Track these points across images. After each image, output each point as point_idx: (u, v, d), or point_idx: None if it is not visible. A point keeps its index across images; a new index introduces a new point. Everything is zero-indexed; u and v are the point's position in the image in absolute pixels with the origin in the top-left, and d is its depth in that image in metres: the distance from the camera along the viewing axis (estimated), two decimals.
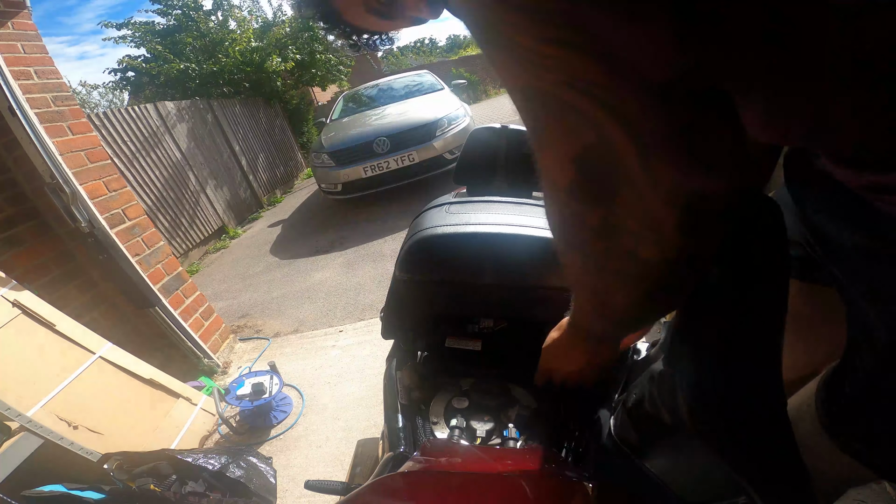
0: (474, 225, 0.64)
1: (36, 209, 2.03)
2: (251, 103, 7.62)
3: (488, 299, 0.67)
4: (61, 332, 1.57)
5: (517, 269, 0.62)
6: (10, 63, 1.82)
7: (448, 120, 4.63)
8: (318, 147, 4.99)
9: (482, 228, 0.63)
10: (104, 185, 2.12)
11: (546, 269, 0.60)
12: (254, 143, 7.24)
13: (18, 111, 1.75)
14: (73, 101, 2.10)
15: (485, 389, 0.67)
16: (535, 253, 0.60)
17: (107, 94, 12.07)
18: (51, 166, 1.82)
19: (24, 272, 1.89)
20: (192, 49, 7.67)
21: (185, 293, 2.41)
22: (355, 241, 4.01)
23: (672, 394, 0.36)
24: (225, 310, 3.29)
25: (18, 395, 1.35)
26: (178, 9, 7.67)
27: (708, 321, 0.36)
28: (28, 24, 1.96)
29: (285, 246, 4.53)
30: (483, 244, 0.63)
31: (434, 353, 0.75)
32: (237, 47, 7.61)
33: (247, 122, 7.19)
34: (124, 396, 1.67)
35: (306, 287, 3.36)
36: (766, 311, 0.36)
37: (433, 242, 0.64)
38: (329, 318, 2.81)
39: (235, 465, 1.44)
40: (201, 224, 5.22)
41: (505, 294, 0.65)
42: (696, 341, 0.35)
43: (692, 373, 0.34)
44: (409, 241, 0.68)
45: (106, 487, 1.30)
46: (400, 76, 6.67)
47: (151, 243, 2.30)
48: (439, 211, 0.71)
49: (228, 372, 2.41)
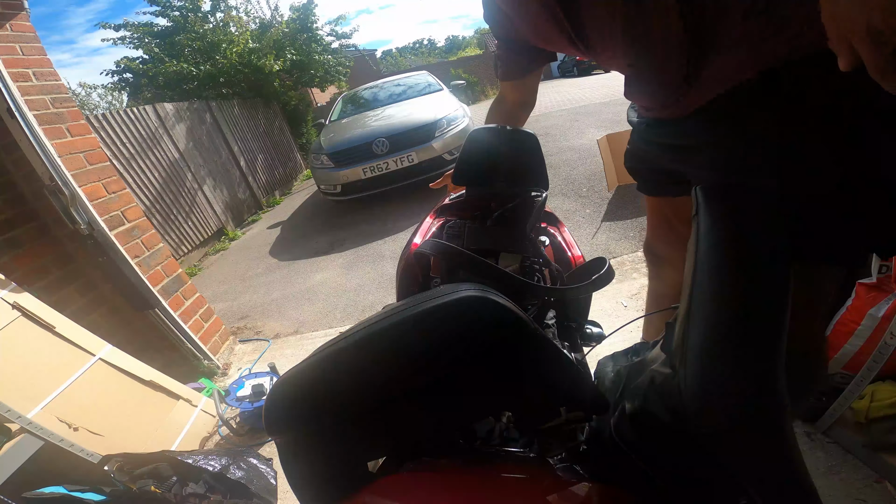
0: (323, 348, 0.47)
1: (35, 211, 2.03)
2: (250, 104, 7.62)
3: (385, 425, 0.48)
4: (61, 335, 1.57)
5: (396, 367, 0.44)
6: (9, 65, 1.82)
7: (447, 121, 4.64)
8: (318, 148, 5.00)
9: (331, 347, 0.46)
10: (103, 187, 2.12)
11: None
12: (253, 144, 7.24)
13: (17, 113, 1.75)
14: (71, 103, 2.10)
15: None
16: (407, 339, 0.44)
17: (106, 95, 12.07)
18: (50, 168, 1.82)
19: (23, 274, 1.89)
20: (190, 51, 7.68)
21: (184, 295, 2.41)
22: (355, 242, 4.02)
23: (674, 394, 0.36)
24: (225, 311, 3.29)
25: (19, 397, 1.35)
26: (175, 10, 7.67)
27: (711, 320, 0.36)
28: (26, 26, 1.96)
29: (285, 247, 4.53)
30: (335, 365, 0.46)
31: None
32: (235, 49, 7.62)
33: (245, 123, 7.19)
34: (124, 398, 1.67)
35: (306, 288, 3.36)
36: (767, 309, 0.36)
37: (289, 392, 0.48)
38: (329, 320, 2.81)
39: (236, 466, 1.44)
40: (200, 226, 5.22)
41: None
42: (698, 341, 0.35)
43: (695, 373, 0.34)
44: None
45: (106, 489, 1.30)
46: (399, 77, 6.68)
47: (151, 245, 2.30)
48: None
49: (228, 373, 2.41)
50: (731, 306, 0.36)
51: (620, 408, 0.46)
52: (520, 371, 0.46)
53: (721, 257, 0.39)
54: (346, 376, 0.45)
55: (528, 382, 0.47)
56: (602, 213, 3.13)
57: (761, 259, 0.39)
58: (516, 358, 0.44)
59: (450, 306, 0.43)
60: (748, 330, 0.35)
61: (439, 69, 15.43)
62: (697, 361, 0.35)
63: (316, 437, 0.47)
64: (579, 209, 3.28)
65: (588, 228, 2.97)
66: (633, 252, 2.51)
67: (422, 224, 1.01)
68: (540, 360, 0.46)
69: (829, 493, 1.09)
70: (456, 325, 0.42)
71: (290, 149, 8.92)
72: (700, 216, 0.41)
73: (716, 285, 0.37)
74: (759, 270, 0.38)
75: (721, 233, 0.40)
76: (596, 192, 3.47)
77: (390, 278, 3.09)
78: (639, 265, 2.34)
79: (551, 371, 0.48)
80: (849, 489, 1.09)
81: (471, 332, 0.43)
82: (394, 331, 0.44)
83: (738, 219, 0.41)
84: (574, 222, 3.08)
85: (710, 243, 0.39)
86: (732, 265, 0.38)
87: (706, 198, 0.42)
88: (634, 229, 2.75)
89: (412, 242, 0.95)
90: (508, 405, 0.53)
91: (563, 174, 4.00)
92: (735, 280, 0.38)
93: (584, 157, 4.13)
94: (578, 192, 3.58)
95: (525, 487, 0.44)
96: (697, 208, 0.42)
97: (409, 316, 0.43)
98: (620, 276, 2.26)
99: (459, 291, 0.44)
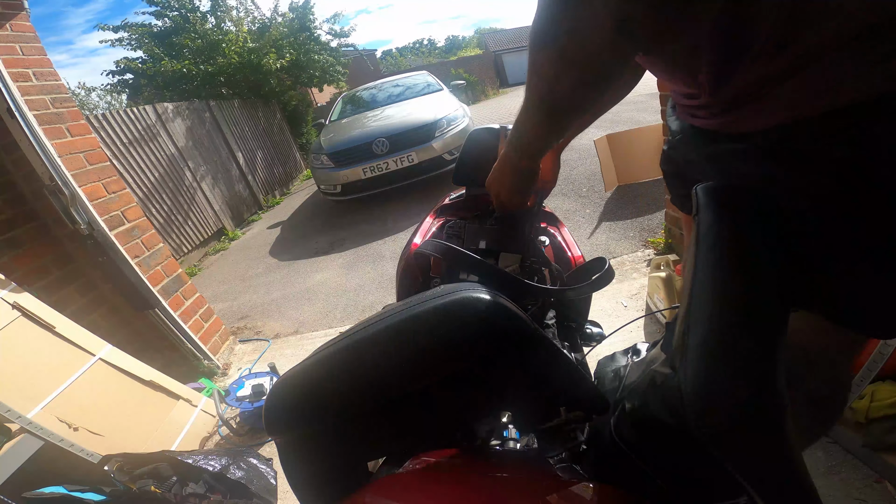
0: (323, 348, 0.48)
1: (35, 211, 2.03)
2: (250, 104, 7.62)
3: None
4: (61, 335, 1.57)
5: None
6: (9, 65, 1.82)
7: (447, 121, 4.64)
8: (318, 148, 5.00)
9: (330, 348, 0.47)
10: (103, 187, 2.12)
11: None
12: (253, 144, 7.24)
13: (17, 113, 1.75)
14: (71, 103, 2.10)
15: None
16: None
17: (105, 95, 12.08)
18: (50, 168, 1.83)
19: (23, 274, 1.89)
20: (189, 51, 7.68)
21: (184, 295, 2.41)
22: (354, 242, 4.02)
23: (675, 394, 0.36)
24: (225, 311, 3.29)
25: (19, 397, 1.35)
26: (174, 10, 7.67)
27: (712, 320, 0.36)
28: (26, 26, 1.96)
29: (285, 247, 4.54)
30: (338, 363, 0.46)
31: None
32: (233, 48, 7.62)
33: (245, 122, 7.19)
34: (124, 398, 1.67)
35: (306, 288, 3.36)
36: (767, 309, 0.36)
37: (288, 393, 0.48)
38: (329, 320, 2.81)
39: (236, 466, 1.44)
40: (200, 225, 5.22)
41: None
42: (699, 341, 0.35)
43: (696, 373, 0.34)
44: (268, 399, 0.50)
45: (106, 489, 1.31)
46: (399, 77, 6.68)
47: (151, 245, 2.30)
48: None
49: (228, 373, 2.41)
50: (731, 306, 0.36)
51: (620, 408, 0.46)
52: (520, 371, 0.46)
53: (721, 257, 0.39)
54: (346, 376, 0.45)
55: (527, 382, 0.47)
56: (602, 213, 3.14)
57: (761, 259, 0.39)
58: (516, 358, 0.44)
59: (450, 306, 0.43)
60: (749, 330, 0.35)
61: (439, 69, 15.44)
62: (698, 361, 0.35)
63: (316, 437, 0.47)
64: (579, 209, 3.28)
65: (588, 228, 2.97)
66: (633, 252, 2.51)
67: (422, 224, 1.01)
68: (540, 361, 0.46)
69: (829, 493, 1.09)
70: (456, 325, 0.42)
71: (289, 148, 8.93)
72: (700, 216, 0.41)
73: (716, 285, 0.37)
74: (760, 270, 0.38)
75: (721, 233, 0.40)
76: (596, 192, 3.47)
77: (390, 278, 3.09)
78: (639, 265, 2.34)
79: (551, 371, 0.48)
80: (849, 489, 1.09)
81: (471, 332, 0.42)
82: (394, 331, 0.44)
83: (739, 219, 0.41)
84: (574, 222, 3.08)
85: (710, 243, 0.39)
86: (733, 265, 0.38)
87: (706, 198, 0.42)
88: (634, 229, 2.75)
89: (412, 242, 0.95)
90: (508, 405, 0.53)
91: (563, 174, 4.00)
92: (735, 280, 0.38)
93: (584, 157, 4.13)
94: (578, 192, 3.58)
95: (525, 487, 0.44)
96: (697, 208, 0.42)
97: (409, 316, 0.43)
98: (620, 276, 2.26)
99: (459, 291, 0.44)
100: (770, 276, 0.38)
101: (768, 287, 0.38)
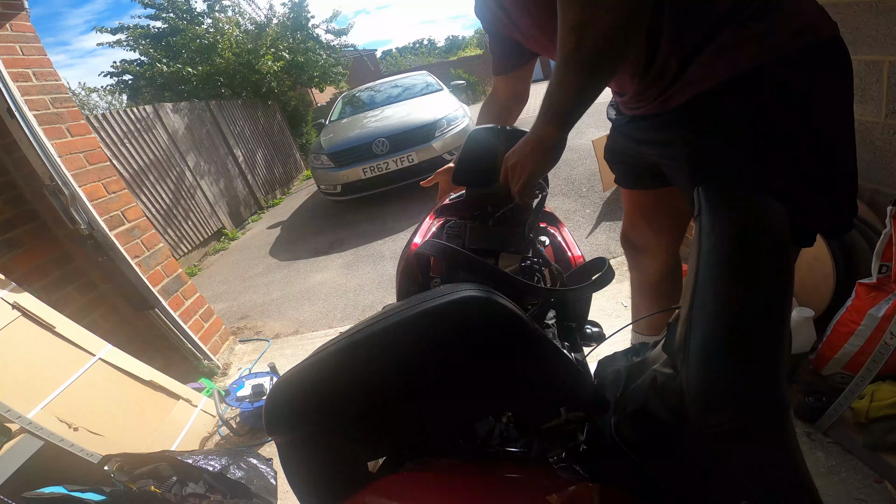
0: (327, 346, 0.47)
1: (35, 211, 2.03)
2: (249, 105, 7.62)
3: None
4: (61, 335, 1.57)
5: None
6: (9, 65, 1.82)
7: (447, 121, 4.64)
8: (318, 148, 5.00)
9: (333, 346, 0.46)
10: (103, 187, 2.12)
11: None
12: (253, 144, 7.24)
13: (17, 113, 1.75)
14: (71, 103, 2.10)
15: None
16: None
17: (105, 96, 12.08)
18: (50, 168, 1.82)
19: (23, 274, 1.89)
20: (186, 52, 7.68)
21: (184, 295, 2.41)
22: (354, 242, 4.02)
23: (676, 395, 0.36)
24: (225, 311, 3.29)
25: (19, 397, 1.35)
26: (170, 11, 7.67)
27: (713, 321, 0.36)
28: (26, 26, 1.96)
29: (285, 247, 4.53)
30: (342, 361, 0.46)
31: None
32: (228, 48, 7.62)
33: (245, 123, 7.19)
34: (124, 398, 1.67)
35: (306, 288, 3.36)
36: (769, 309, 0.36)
37: (290, 391, 0.48)
38: (329, 320, 2.81)
39: (236, 466, 1.44)
40: (200, 225, 5.21)
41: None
42: (701, 342, 0.35)
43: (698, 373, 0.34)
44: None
45: (106, 489, 1.30)
46: (399, 77, 6.68)
47: (151, 245, 2.30)
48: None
49: (228, 373, 2.41)
50: (733, 307, 0.36)
51: (621, 408, 0.46)
52: (520, 371, 0.46)
53: (723, 258, 0.39)
54: (347, 376, 0.45)
55: (528, 382, 0.47)
56: (601, 212, 3.14)
57: (763, 259, 0.39)
58: (516, 358, 0.44)
59: (450, 306, 0.43)
60: (751, 330, 0.35)
61: (439, 69, 15.42)
62: (700, 362, 0.35)
63: (316, 437, 0.47)
64: (579, 209, 3.28)
65: (588, 228, 2.97)
66: None
67: (422, 224, 1.01)
68: (540, 361, 0.46)
69: (829, 493, 1.09)
70: (456, 325, 0.42)
71: (289, 148, 8.92)
72: (702, 217, 0.41)
73: (718, 286, 0.37)
74: (761, 271, 0.38)
75: (723, 233, 0.40)
76: (596, 192, 3.47)
77: (390, 278, 3.09)
78: None
79: (551, 371, 0.48)
80: (849, 489, 1.09)
81: (471, 333, 0.42)
82: (394, 331, 0.44)
83: (740, 219, 0.41)
84: (574, 222, 3.08)
85: (711, 244, 0.39)
86: (734, 266, 0.38)
87: (708, 199, 0.42)
88: None
89: (412, 242, 0.95)
90: (508, 405, 0.53)
91: (563, 174, 4.00)
92: (737, 280, 0.38)
93: (584, 157, 4.13)
94: (578, 192, 3.58)
95: (525, 487, 0.44)
96: (699, 209, 0.42)
97: (409, 316, 0.43)
98: (620, 276, 2.26)
99: (459, 291, 0.44)
100: (772, 277, 0.38)
101: (770, 287, 0.38)
